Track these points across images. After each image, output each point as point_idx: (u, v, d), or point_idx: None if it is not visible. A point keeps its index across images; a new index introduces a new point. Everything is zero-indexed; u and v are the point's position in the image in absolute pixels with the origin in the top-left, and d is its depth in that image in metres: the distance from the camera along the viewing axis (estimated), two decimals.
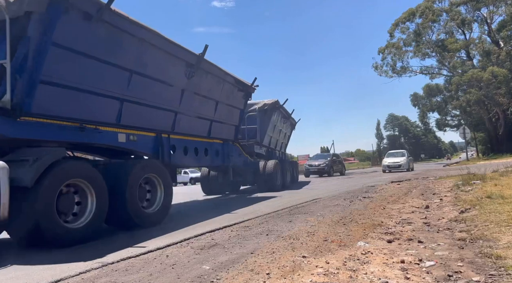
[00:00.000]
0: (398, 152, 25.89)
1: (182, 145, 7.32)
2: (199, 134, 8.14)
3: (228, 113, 9.39)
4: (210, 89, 8.15)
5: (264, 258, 3.20)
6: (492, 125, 37.87)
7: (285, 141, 17.63)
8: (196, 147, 7.86)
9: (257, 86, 10.60)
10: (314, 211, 6.22)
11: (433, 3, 36.74)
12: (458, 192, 7.07)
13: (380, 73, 40.16)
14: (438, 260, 2.87)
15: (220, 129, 9.04)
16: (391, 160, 23.04)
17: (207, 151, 8.44)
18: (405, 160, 22.43)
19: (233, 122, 9.86)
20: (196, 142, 7.94)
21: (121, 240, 4.70)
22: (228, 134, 9.69)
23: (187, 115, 7.42)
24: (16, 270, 3.45)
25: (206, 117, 8.35)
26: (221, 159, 9.27)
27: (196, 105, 7.73)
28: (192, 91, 7.40)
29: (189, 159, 7.69)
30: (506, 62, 31.37)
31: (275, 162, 11.79)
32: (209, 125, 8.49)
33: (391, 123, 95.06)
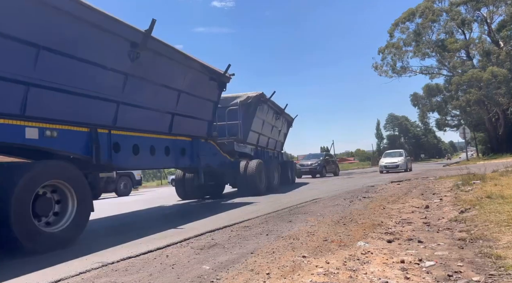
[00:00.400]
0: (395, 152, 25.03)
1: (130, 143, 6.09)
2: (157, 130, 6.92)
3: (196, 105, 8.19)
4: (166, 75, 6.95)
5: (264, 258, 3.20)
6: (492, 125, 37.88)
7: (281, 139, 16.48)
8: (152, 145, 6.65)
9: (232, 75, 9.36)
10: (314, 211, 6.22)
11: (433, 3, 36.76)
12: (458, 192, 7.07)
13: (380, 73, 40.20)
14: (438, 260, 2.87)
15: (186, 124, 7.85)
16: (388, 160, 22.35)
17: (169, 150, 7.21)
18: (403, 160, 21.89)
19: (204, 117, 8.65)
20: (152, 139, 6.71)
21: (121, 240, 4.70)
22: (199, 130, 8.49)
23: (135, 106, 6.21)
24: (16, 270, 3.45)
25: (165, 110, 7.13)
26: (190, 159, 8.03)
27: (149, 94, 6.52)
28: (139, 77, 6.17)
29: (142, 159, 6.41)
30: (506, 62, 31.37)
31: (257, 162, 10.37)
32: (171, 120, 7.29)
33: (391, 123, 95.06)
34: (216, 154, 9.35)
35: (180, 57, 7.26)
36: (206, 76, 8.34)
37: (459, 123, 41.03)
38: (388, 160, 22.42)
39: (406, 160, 22.41)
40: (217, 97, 9.06)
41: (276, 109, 14.20)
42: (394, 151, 26.08)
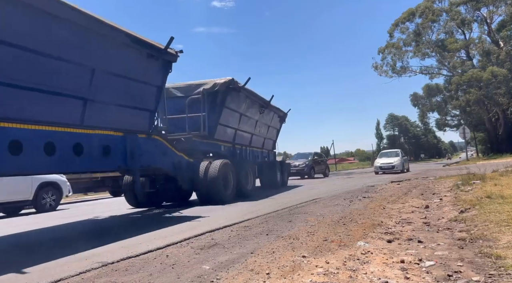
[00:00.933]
0: (391, 152, 23.52)
1: (4, 138, 4.43)
2: (60, 121, 5.23)
3: (128, 90, 6.46)
4: (68, 44, 5.20)
5: (264, 258, 3.20)
6: (492, 125, 37.89)
7: (271, 136, 14.52)
8: (50, 142, 4.99)
9: (180, 52, 7.67)
10: (314, 211, 6.22)
11: (433, 3, 36.77)
12: (458, 192, 7.07)
13: (380, 73, 40.24)
14: (438, 260, 2.87)
15: (112, 115, 6.16)
16: (384, 160, 21.19)
17: (82, 149, 5.48)
18: (399, 161, 20.65)
19: (143, 105, 6.91)
20: (49, 133, 5.01)
21: (121, 240, 4.70)
22: (136, 122, 6.75)
23: (14, 87, 4.54)
24: (16, 270, 3.45)
25: (73, 94, 5.40)
26: (119, 160, 6.27)
27: (39, 71, 4.83)
28: (20, 45, 4.54)
29: (27, 161, 4.69)
30: (506, 62, 31.38)
31: (221, 163, 8.58)
32: (82, 107, 5.57)
33: (391, 123, 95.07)
34: (165, 153, 7.60)
35: (89, 21, 5.48)
36: (140, 53, 6.60)
37: (459, 123, 41.06)
38: (384, 160, 21.26)
39: (403, 161, 21.32)
40: (160, 80, 7.27)
41: (258, 100, 12.05)
42: (390, 151, 24.53)
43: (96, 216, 7.98)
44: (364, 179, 16.43)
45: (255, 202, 8.74)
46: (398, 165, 20.37)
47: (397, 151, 23.16)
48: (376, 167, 21.03)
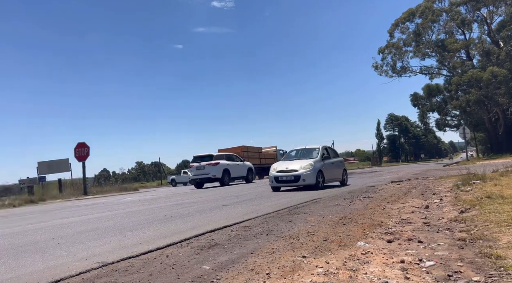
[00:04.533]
0: (307, 150, 12.84)
1: None
2: None
3: None
4: None
5: (264, 258, 3.20)
6: (492, 125, 37.91)
7: None
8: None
9: None
10: (314, 211, 6.22)
11: (433, 3, 36.79)
12: (458, 192, 7.07)
13: (380, 73, 40.31)
14: (438, 260, 2.87)
15: None
16: (285, 166, 11.85)
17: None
18: (311, 168, 11.30)
19: None
20: None
21: (121, 240, 4.70)
22: None
23: None
24: (16, 270, 3.45)
25: None
26: None
27: None
28: None
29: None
30: (506, 62, 31.40)
31: None
32: None
33: (391, 123, 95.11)
34: None
35: None
36: None
37: (459, 123, 41.10)
38: (284, 166, 11.89)
39: (322, 166, 11.71)
40: None
41: None
42: (306, 148, 13.03)
43: None
44: (364, 179, 16.43)
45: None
46: (308, 174, 11.20)
47: (317, 148, 12.59)
48: (271, 177, 11.79)
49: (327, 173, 12.01)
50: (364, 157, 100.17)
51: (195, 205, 9.01)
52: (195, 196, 12.84)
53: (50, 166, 21.90)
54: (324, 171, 11.83)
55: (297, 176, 11.30)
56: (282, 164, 12.24)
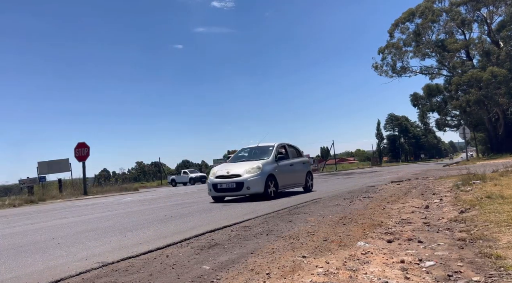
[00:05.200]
0: (260, 149, 10.51)
1: None
2: None
3: None
4: None
5: (264, 258, 3.20)
6: (492, 125, 37.92)
7: None
8: None
9: None
10: (314, 211, 6.22)
11: (433, 3, 36.80)
12: (458, 192, 7.07)
13: (380, 73, 40.32)
14: (438, 260, 2.87)
15: None
16: (227, 169, 9.43)
17: None
18: (259, 172, 8.98)
19: None
20: None
21: (121, 240, 4.70)
22: None
23: None
24: (16, 270, 3.45)
25: None
26: None
27: None
28: None
29: None
30: (506, 62, 31.41)
31: None
32: None
33: (391, 123, 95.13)
34: None
35: None
36: None
37: (459, 123, 41.10)
38: (226, 169, 9.45)
39: (277, 169, 9.52)
40: None
41: None
42: (259, 146, 10.70)
43: None
44: (364, 179, 16.43)
45: (255, 202, 8.52)
46: (254, 181, 8.85)
47: (272, 146, 10.23)
48: (209, 184, 9.47)
49: (282, 178, 9.67)
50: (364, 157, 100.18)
51: (195, 205, 9.01)
52: (195, 196, 12.85)
53: (50, 166, 21.89)
54: (278, 175, 9.46)
55: (240, 182, 8.80)
56: (224, 167, 9.71)
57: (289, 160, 10.49)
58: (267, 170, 9.17)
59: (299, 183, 10.78)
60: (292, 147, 11.36)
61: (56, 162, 22.07)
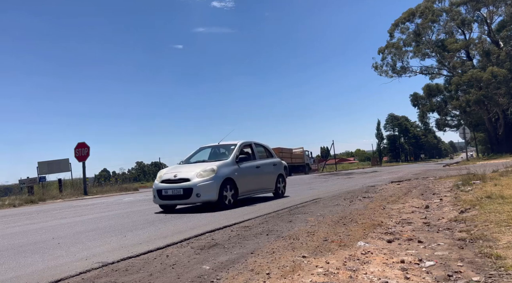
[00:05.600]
0: (221, 148, 9.32)
1: None
2: None
3: None
4: None
5: (264, 258, 3.20)
6: (492, 125, 37.92)
7: None
8: None
9: None
10: (314, 211, 6.22)
11: (433, 3, 36.80)
12: (458, 192, 7.07)
13: (380, 73, 40.32)
14: (438, 260, 2.87)
15: None
16: (175, 172, 7.76)
17: None
18: (212, 175, 7.35)
19: None
20: None
21: (121, 240, 4.70)
22: None
23: None
24: (16, 270, 3.45)
25: None
26: None
27: None
28: None
29: None
30: (506, 62, 31.41)
31: None
32: None
33: (391, 123, 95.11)
34: None
35: None
36: None
37: (459, 123, 41.10)
38: (174, 172, 7.80)
39: (237, 172, 8.02)
40: None
41: None
42: (220, 144, 9.32)
43: None
44: (364, 179, 16.43)
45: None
46: (205, 187, 7.27)
47: (234, 145, 8.82)
48: (154, 190, 7.77)
49: (244, 182, 8.14)
50: (364, 157, 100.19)
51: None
52: None
53: (50, 166, 21.88)
54: (239, 179, 7.93)
55: (188, 188, 7.20)
56: (174, 169, 8.08)
57: (254, 162, 8.93)
58: (224, 173, 7.62)
59: (267, 188, 9.31)
60: (261, 146, 9.97)
61: (56, 162, 22.05)
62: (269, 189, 9.42)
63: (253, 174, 8.67)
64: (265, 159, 9.67)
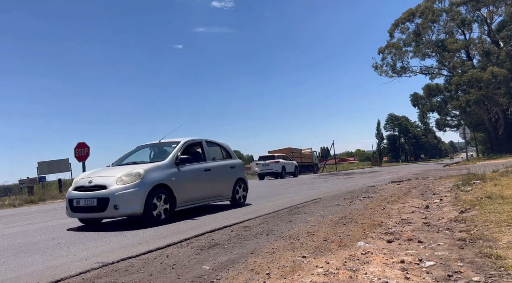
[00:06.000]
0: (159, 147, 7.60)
1: None
2: None
3: None
4: None
5: (264, 258, 3.20)
6: (492, 125, 37.92)
7: None
8: None
9: None
10: (314, 211, 6.22)
11: (433, 3, 36.81)
12: (458, 192, 7.07)
13: (380, 73, 40.33)
14: (438, 260, 2.87)
15: None
16: (92, 177, 6.13)
17: None
18: (137, 181, 5.76)
19: None
20: None
21: (121, 240, 4.70)
22: None
23: None
24: (16, 270, 3.45)
25: None
26: None
27: None
28: None
29: None
30: (506, 62, 31.40)
31: None
32: None
33: (391, 123, 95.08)
34: None
35: None
36: None
37: (459, 123, 41.10)
38: (89, 178, 6.14)
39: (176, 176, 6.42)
40: None
41: None
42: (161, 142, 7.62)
43: None
44: (364, 179, 16.43)
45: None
46: (126, 196, 5.64)
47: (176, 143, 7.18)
48: (66, 200, 6.14)
49: (185, 190, 6.59)
50: (364, 157, 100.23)
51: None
52: None
53: (50, 166, 21.87)
54: (177, 185, 6.38)
55: (103, 198, 5.67)
56: (93, 173, 6.47)
57: (204, 163, 7.36)
58: (154, 178, 5.99)
59: (221, 195, 7.73)
60: (216, 145, 8.32)
61: (56, 162, 22.04)
62: (224, 196, 7.85)
63: (200, 179, 7.09)
64: (221, 160, 8.09)
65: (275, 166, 24.94)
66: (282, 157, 26.02)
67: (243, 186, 8.42)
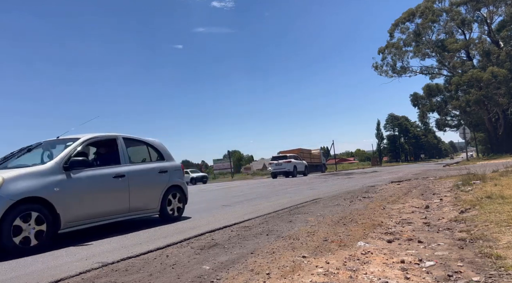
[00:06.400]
0: (54, 145, 5.76)
1: None
2: None
3: None
4: None
5: (264, 258, 3.20)
6: (492, 125, 37.93)
7: None
8: None
9: None
10: (314, 211, 6.22)
11: (433, 3, 36.81)
12: (458, 192, 7.07)
13: (380, 73, 40.35)
14: (438, 260, 2.87)
15: None
16: None
17: None
18: None
19: None
20: None
21: (121, 239, 4.70)
22: None
23: None
24: (16, 270, 3.45)
25: None
26: None
27: None
28: None
29: None
30: (506, 62, 31.39)
31: None
32: None
33: (391, 123, 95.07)
34: None
35: None
36: None
37: (459, 123, 41.09)
38: None
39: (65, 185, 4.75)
40: None
41: None
42: (58, 139, 5.77)
43: None
44: (364, 179, 16.42)
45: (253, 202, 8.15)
46: None
47: (73, 140, 5.44)
48: None
49: (78, 203, 4.94)
50: (364, 157, 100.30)
51: (195, 205, 9.01)
52: (196, 196, 12.85)
53: None
54: (64, 198, 4.72)
55: None
56: None
57: (115, 168, 5.64)
58: (20, 190, 4.28)
59: (142, 208, 5.95)
60: (143, 143, 6.56)
61: None
62: (148, 210, 6.06)
63: (105, 188, 5.41)
64: (146, 163, 6.34)
65: (287, 166, 25.97)
66: (293, 157, 27.31)
67: (178, 196, 6.59)
